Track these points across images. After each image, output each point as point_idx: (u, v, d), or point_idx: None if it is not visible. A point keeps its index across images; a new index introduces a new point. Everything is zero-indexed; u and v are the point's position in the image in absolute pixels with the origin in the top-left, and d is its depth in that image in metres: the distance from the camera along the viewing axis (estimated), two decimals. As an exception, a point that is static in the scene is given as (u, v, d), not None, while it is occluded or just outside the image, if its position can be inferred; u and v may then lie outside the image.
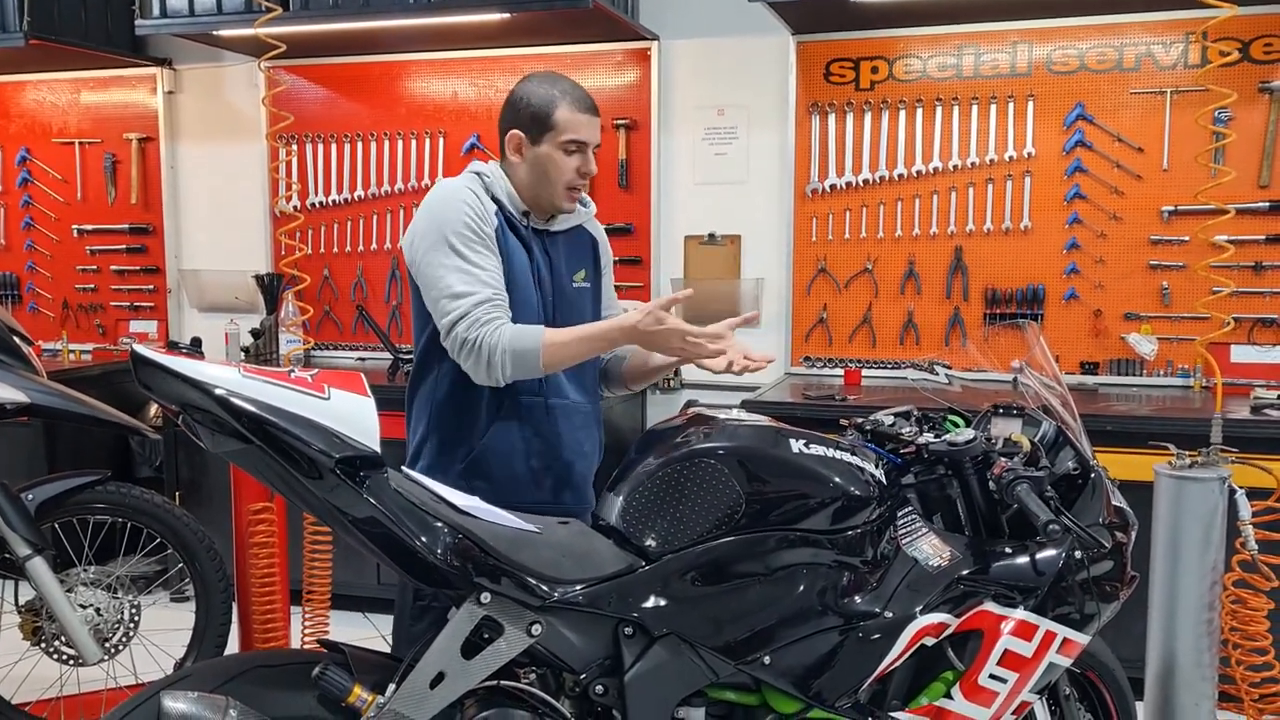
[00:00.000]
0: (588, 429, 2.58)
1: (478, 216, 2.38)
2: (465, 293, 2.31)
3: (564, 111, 2.43)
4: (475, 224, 2.37)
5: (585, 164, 2.46)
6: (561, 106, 2.43)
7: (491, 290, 2.32)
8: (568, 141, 2.43)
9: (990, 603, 2.12)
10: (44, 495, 3.21)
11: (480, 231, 2.37)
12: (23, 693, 3.40)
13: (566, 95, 2.45)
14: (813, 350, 4.70)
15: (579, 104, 2.45)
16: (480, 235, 2.37)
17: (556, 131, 2.43)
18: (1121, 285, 4.33)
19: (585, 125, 2.44)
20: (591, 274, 2.61)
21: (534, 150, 2.45)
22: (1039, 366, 2.45)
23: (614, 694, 1.92)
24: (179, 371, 1.66)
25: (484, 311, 2.29)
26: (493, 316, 2.29)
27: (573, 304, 2.54)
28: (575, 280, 2.56)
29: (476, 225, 2.37)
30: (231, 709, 1.70)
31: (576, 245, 2.59)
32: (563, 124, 2.43)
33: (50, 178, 5.63)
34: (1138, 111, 4.26)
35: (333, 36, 4.74)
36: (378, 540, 1.78)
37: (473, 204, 2.39)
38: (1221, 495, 2.63)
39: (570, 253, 2.57)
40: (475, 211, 2.38)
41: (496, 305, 2.31)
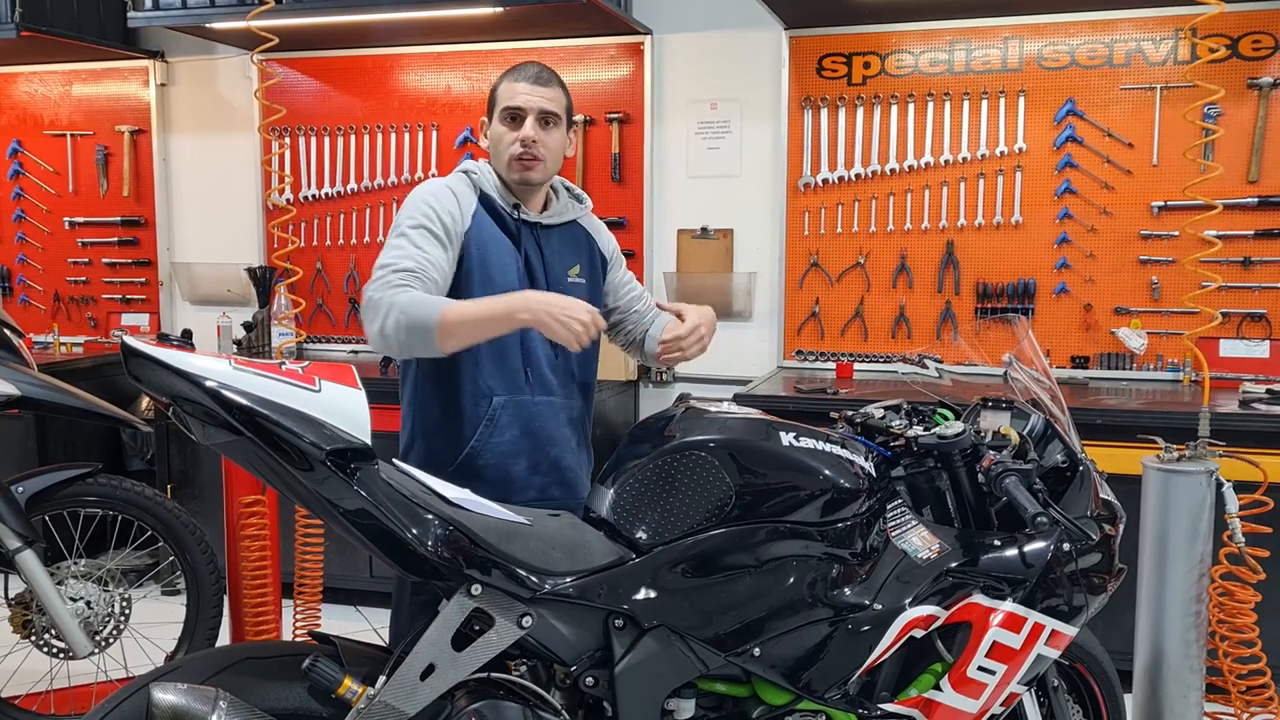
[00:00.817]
0: (574, 424, 2.57)
1: (438, 210, 2.36)
2: (389, 262, 2.29)
3: (503, 85, 2.47)
4: (432, 215, 2.35)
5: (525, 131, 2.41)
6: (503, 82, 2.47)
7: (415, 264, 2.28)
8: (504, 111, 2.44)
9: (979, 595, 2.13)
10: (35, 488, 3.21)
11: (435, 222, 2.35)
12: (12, 686, 3.40)
13: (511, 72, 2.47)
14: (805, 344, 4.71)
15: (518, 75, 2.46)
16: (433, 226, 2.35)
17: (497, 105, 2.46)
18: (1111, 280, 4.35)
19: (522, 92, 2.43)
20: (586, 270, 2.58)
21: (489, 130, 2.50)
22: (1028, 360, 2.46)
23: (604, 685, 1.93)
24: (170, 364, 1.66)
25: (399, 277, 2.25)
26: (404, 283, 2.25)
27: (569, 292, 2.50)
28: (570, 276, 2.54)
29: (433, 216, 2.35)
30: (221, 700, 1.70)
31: (570, 241, 2.57)
32: (501, 95, 2.46)
33: (42, 170, 5.62)
34: (1128, 107, 4.27)
35: (325, 29, 4.73)
36: (368, 532, 1.78)
37: (438, 200, 2.38)
38: (1209, 488, 2.64)
39: (564, 248, 2.55)
40: (437, 206, 2.37)
41: (414, 275, 2.27)
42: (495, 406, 2.43)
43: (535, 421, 2.47)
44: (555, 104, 2.47)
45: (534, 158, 2.43)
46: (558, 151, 2.50)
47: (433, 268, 2.31)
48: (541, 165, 2.45)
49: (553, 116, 2.46)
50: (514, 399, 2.44)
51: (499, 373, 2.43)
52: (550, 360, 2.49)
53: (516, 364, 2.44)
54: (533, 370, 2.46)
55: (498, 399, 2.43)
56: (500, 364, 2.43)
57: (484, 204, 2.46)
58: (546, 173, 2.48)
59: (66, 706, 3.39)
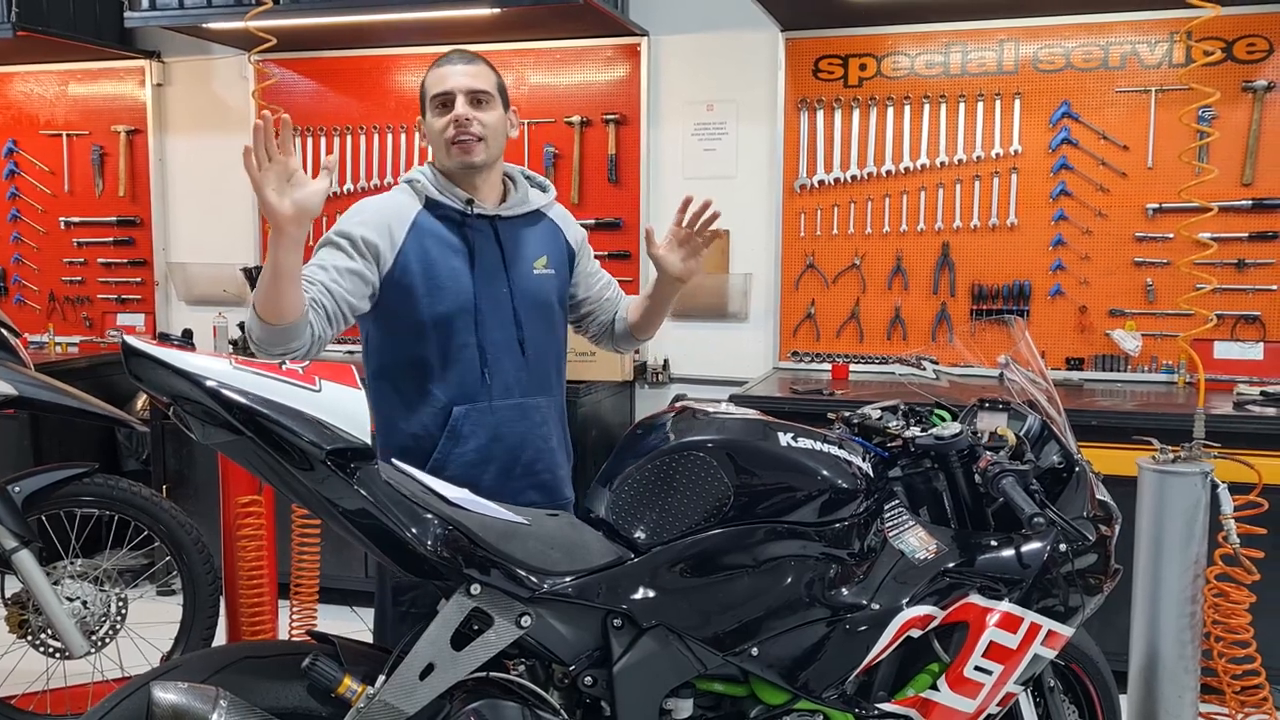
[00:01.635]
0: (548, 425, 2.50)
1: (353, 228, 2.31)
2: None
3: (430, 75, 2.42)
4: (343, 231, 2.30)
5: (457, 110, 2.35)
6: (429, 73, 2.43)
7: (307, 277, 2.21)
8: (434, 100, 2.39)
9: (976, 595, 2.14)
10: (31, 488, 3.20)
11: (344, 236, 2.30)
12: (9, 685, 3.40)
13: (435, 63, 2.43)
14: (800, 345, 4.72)
15: (442, 62, 2.41)
16: (340, 239, 2.30)
17: (427, 96, 2.42)
18: (1106, 281, 4.36)
19: (446, 76, 2.38)
20: (555, 261, 2.52)
21: (425, 127, 2.45)
22: (1024, 362, 2.47)
23: (603, 685, 1.93)
24: (170, 363, 1.66)
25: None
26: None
27: (532, 291, 2.46)
28: (536, 268, 2.47)
29: (344, 232, 2.30)
30: (222, 699, 1.70)
31: (536, 232, 2.51)
32: (428, 86, 2.42)
33: (37, 170, 5.61)
34: (1123, 110, 4.29)
35: (322, 30, 4.73)
36: (368, 531, 1.78)
37: (357, 218, 2.33)
38: (1204, 490, 2.65)
39: (529, 239, 2.48)
40: (355, 223, 2.32)
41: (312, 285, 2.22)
42: (455, 417, 2.37)
43: (502, 427, 2.41)
44: (485, 81, 2.40)
45: (472, 136, 2.35)
46: (498, 131, 2.41)
47: (323, 271, 2.25)
48: (482, 145, 2.37)
49: (484, 94, 2.39)
50: (475, 407, 2.39)
51: (456, 381, 2.38)
52: (517, 361, 2.43)
53: (474, 370, 2.39)
54: (493, 374, 2.40)
55: (458, 409, 2.37)
56: (456, 372, 2.38)
57: (432, 209, 2.40)
58: (489, 153, 2.40)
59: (63, 706, 3.38)
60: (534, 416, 2.46)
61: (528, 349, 2.44)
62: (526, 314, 2.44)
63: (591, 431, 4.38)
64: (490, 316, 2.39)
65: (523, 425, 2.44)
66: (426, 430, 2.39)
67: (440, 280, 2.36)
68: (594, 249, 2.74)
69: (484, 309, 2.39)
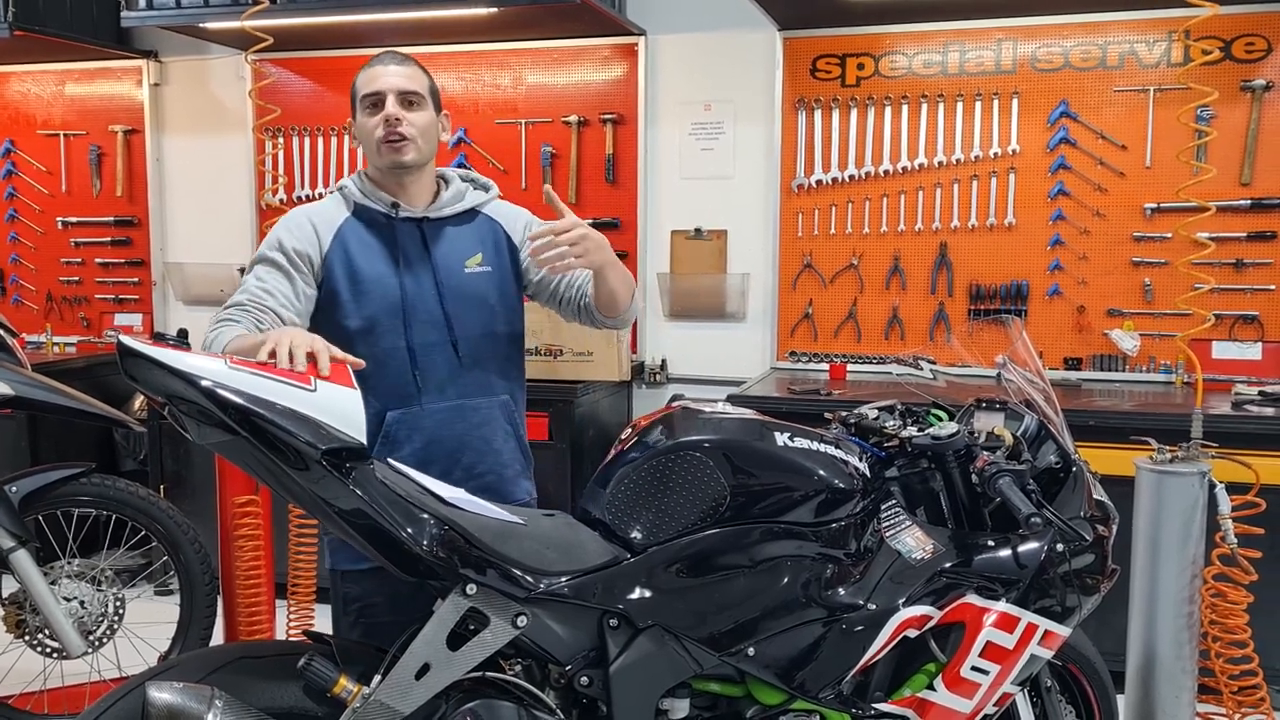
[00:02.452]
0: (489, 426, 2.45)
1: (283, 238, 2.36)
2: (236, 295, 2.31)
3: (360, 76, 2.42)
4: (275, 244, 2.35)
5: (388, 109, 2.35)
6: (360, 76, 2.42)
7: (248, 297, 2.28)
8: (364, 99, 2.39)
9: (972, 595, 2.14)
10: (28, 488, 3.20)
11: (278, 252, 2.34)
12: (6, 685, 3.40)
13: (366, 64, 2.43)
14: (798, 345, 4.71)
15: (373, 63, 2.41)
16: (275, 256, 2.34)
17: (357, 96, 2.41)
18: (1104, 281, 4.36)
19: (379, 77, 2.38)
20: (491, 258, 2.48)
21: (355, 129, 2.45)
22: (1022, 361, 2.47)
23: (599, 685, 1.93)
24: (165, 363, 1.66)
25: (227, 314, 2.25)
26: (228, 318, 2.24)
27: (465, 290, 2.43)
28: (468, 266, 2.45)
29: (276, 245, 2.35)
30: (217, 699, 1.70)
31: (468, 230, 2.49)
32: (358, 87, 2.41)
33: (35, 169, 5.60)
34: (1121, 109, 4.29)
35: (319, 30, 4.72)
36: (364, 531, 1.78)
37: (286, 230, 2.37)
38: (1201, 490, 2.65)
39: (461, 238, 2.46)
40: (284, 236, 2.36)
41: (244, 309, 2.26)
42: (389, 422, 2.36)
43: (438, 430, 2.39)
44: (415, 82, 2.40)
45: (402, 137, 2.35)
46: (428, 132, 2.42)
47: (270, 296, 2.29)
48: (411, 145, 2.37)
49: (415, 95, 2.39)
50: (408, 411, 2.37)
51: (387, 385, 2.36)
52: (450, 363, 2.40)
53: (404, 373, 2.37)
54: (424, 377, 2.38)
55: (391, 414, 2.36)
56: (387, 376, 2.35)
57: (360, 215, 2.41)
58: (420, 153, 2.39)
59: (60, 706, 3.38)
60: (471, 418, 2.43)
61: (461, 349, 2.41)
62: (458, 314, 2.41)
63: (589, 431, 4.38)
64: (419, 319, 2.38)
65: (459, 427, 2.41)
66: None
67: (365, 285, 2.36)
68: None
69: (411, 311, 2.38)
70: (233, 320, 2.24)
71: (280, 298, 2.30)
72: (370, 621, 2.39)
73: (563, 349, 4.35)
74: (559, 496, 4.15)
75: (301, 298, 2.35)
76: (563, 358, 4.36)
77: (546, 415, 4.19)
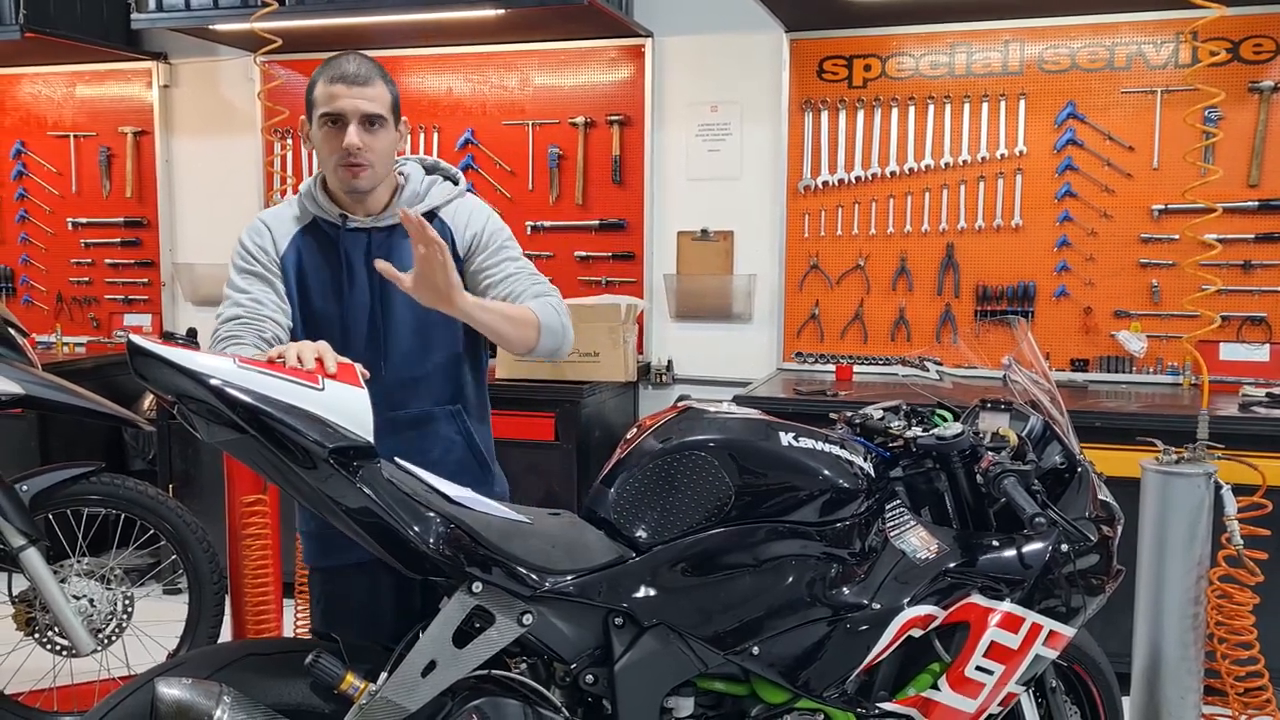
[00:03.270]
0: (432, 438, 2.38)
1: (249, 248, 2.34)
2: (219, 314, 2.29)
3: (319, 86, 2.28)
4: (245, 255, 2.34)
5: (349, 139, 2.23)
6: (319, 83, 2.28)
7: (242, 310, 2.26)
8: (321, 117, 2.27)
9: (977, 595, 2.14)
10: (38, 486, 3.23)
11: (250, 260, 2.33)
12: (15, 683, 3.41)
13: (326, 69, 2.28)
14: (804, 346, 4.72)
15: (332, 74, 2.26)
16: (249, 265, 2.33)
17: (314, 109, 2.29)
18: (1112, 283, 4.36)
19: (337, 96, 2.24)
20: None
21: (309, 134, 2.34)
22: (1027, 362, 2.47)
23: (604, 683, 1.94)
24: (175, 362, 1.67)
25: (225, 329, 2.24)
26: (230, 335, 2.22)
27: (402, 301, 2.24)
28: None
29: (246, 256, 2.34)
30: (225, 695, 1.71)
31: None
32: (317, 99, 2.28)
33: (45, 171, 5.63)
34: (1128, 110, 4.28)
35: (328, 31, 4.74)
36: (371, 530, 1.79)
37: (248, 238, 2.35)
38: (1207, 491, 2.65)
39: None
40: (248, 244, 2.35)
41: (241, 323, 2.23)
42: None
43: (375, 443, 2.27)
44: (378, 104, 2.28)
45: (360, 164, 2.26)
46: (386, 154, 2.32)
47: (262, 306, 2.27)
48: (369, 171, 2.28)
49: (378, 119, 2.28)
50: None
51: None
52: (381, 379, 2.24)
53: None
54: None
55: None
56: None
57: (313, 223, 2.36)
58: (375, 177, 2.31)
59: (69, 704, 3.40)
60: (405, 433, 2.34)
61: (389, 366, 2.33)
62: (393, 329, 2.34)
63: (595, 432, 4.39)
64: (355, 333, 2.34)
65: (390, 441, 2.17)
66: None
67: (311, 295, 2.35)
68: (597, 250, 2.61)
69: (348, 327, 2.34)
70: (237, 337, 2.21)
71: (270, 305, 2.28)
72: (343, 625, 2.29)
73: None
74: (565, 497, 4.16)
75: (284, 299, 2.33)
76: (569, 358, 4.36)
77: (553, 416, 4.20)
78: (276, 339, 2.24)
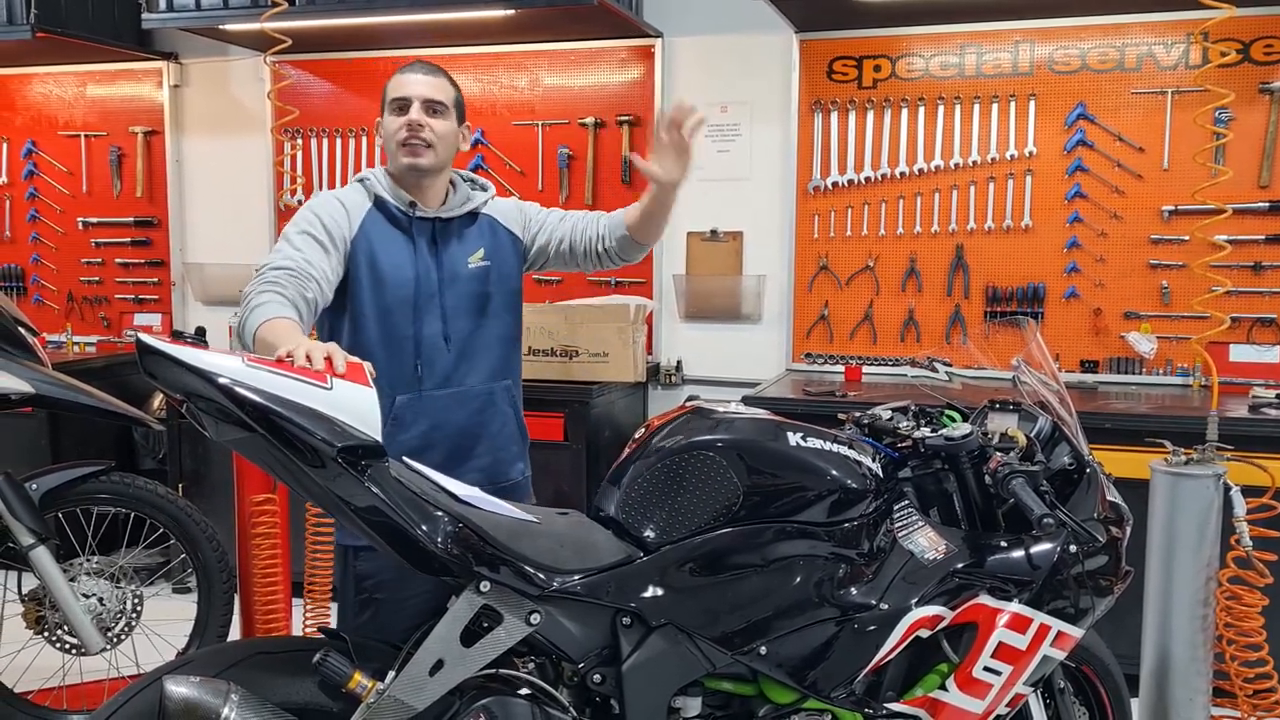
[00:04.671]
0: (486, 411, 2.59)
1: (321, 218, 2.44)
2: (268, 262, 2.36)
3: (392, 80, 2.56)
4: (315, 222, 2.43)
5: (411, 115, 2.48)
6: (392, 80, 2.56)
7: (293, 263, 2.34)
8: (392, 102, 2.52)
9: (985, 596, 2.14)
10: (48, 485, 3.23)
11: (319, 229, 2.42)
12: (25, 681, 3.42)
13: (400, 69, 2.57)
14: (814, 347, 4.71)
15: (405, 69, 2.56)
16: (315, 231, 2.42)
17: (387, 98, 2.55)
18: (1121, 284, 4.35)
19: (408, 83, 2.52)
20: (491, 252, 2.61)
21: (381, 128, 2.57)
22: (1036, 363, 2.47)
23: (612, 683, 1.94)
24: (184, 360, 1.68)
25: (274, 274, 2.31)
26: (275, 280, 2.29)
27: (462, 284, 2.55)
28: (471, 262, 2.58)
29: (315, 223, 2.43)
30: (233, 694, 1.72)
31: (474, 229, 2.62)
32: (389, 89, 2.55)
33: (56, 170, 5.65)
34: (1139, 111, 4.27)
35: (338, 31, 4.75)
36: (379, 529, 1.79)
37: (322, 209, 2.46)
38: (1217, 492, 2.64)
39: (466, 237, 2.59)
40: (321, 214, 2.45)
41: (290, 274, 2.32)
42: (397, 406, 2.48)
43: (440, 415, 2.52)
44: (441, 93, 2.54)
45: (422, 142, 2.48)
46: (448, 140, 2.54)
47: (311, 267, 2.36)
48: (430, 151, 2.50)
49: (439, 105, 2.52)
50: (414, 396, 2.50)
51: (394, 370, 2.48)
52: (444, 354, 2.52)
53: (409, 361, 2.50)
54: (426, 365, 2.50)
55: (400, 398, 2.49)
56: (395, 363, 2.48)
57: (380, 208, 2.52)
58: (437, 159, 2.52)
59: (79, 702, 3.41)
60: (470, 404, 2.56)
61: (452, 342, 2.54)
62: (455, 309, 2.54)
63: (604, 432, 4.39)
64: (425, 311, 2.51)
65: (459, 414, 2.54)
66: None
67: (384, 274, 2.49)
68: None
69: (420, 304, 2.51)
70: (278, 286, 2.27)
71: (319, 271, 2.37)
72: (379, 600, 2.45)
73: (578, 350, 4.36)
74: (574, 497, 4.16)
75: (334, 275, 2.43)
76: (578, 359, 4.37)
77: (561, 416, 4.21)
78: (315, 305, 2.35)
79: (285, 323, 2.17)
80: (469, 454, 2.55)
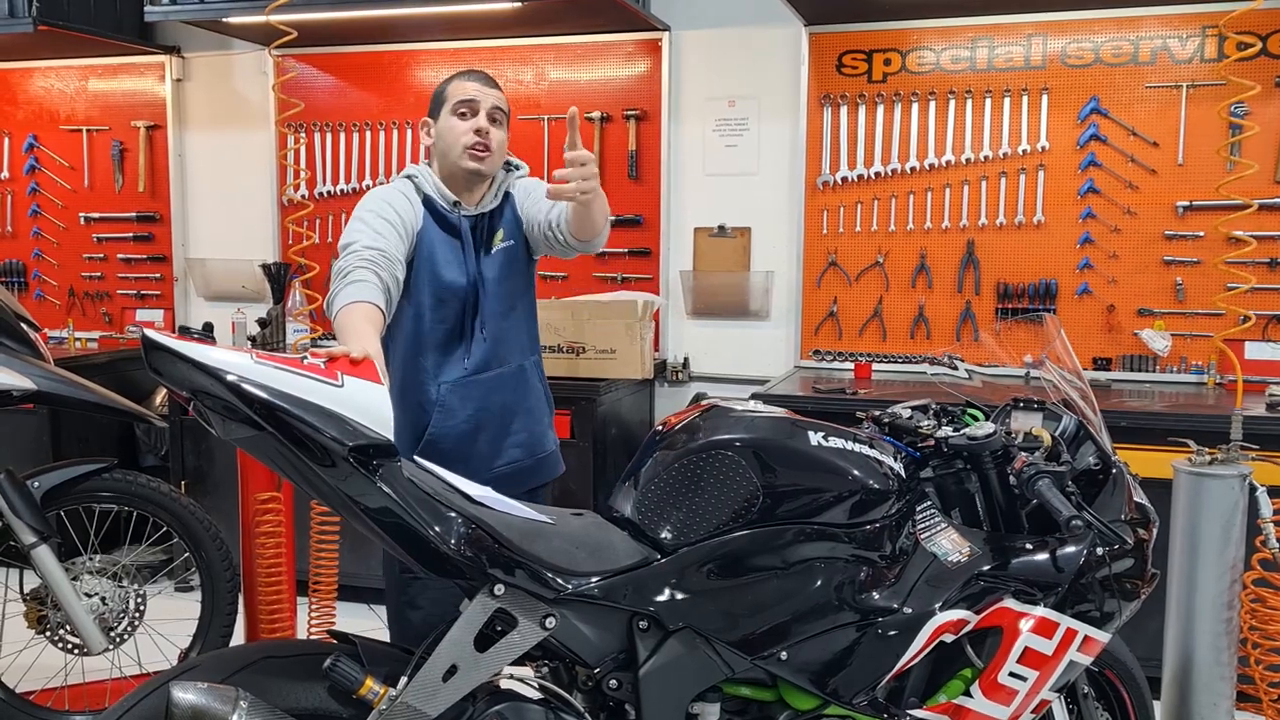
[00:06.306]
0: (521, 389, 2.72)
1: (396, 208, 2.53)
2: (355, 240, 2.42)
3: (454, 84, 2.67)
4: (389, 210, 2.51)
5: (480, 121, 2.60)
6: (452, 82, 2.67)
7: (378, 253, 2.41)
8: (457, 104, 2.62)
9: (1010, 599, 2.09)
10: (50, 483, 3.19)
11: (392, 215, 2.50)
12: (27, 681, 3.38)
13: (459, 75, 2.69)
14: (823, 344, 4.67)
15: (467, 76, 2.68)
16: (390, 217, 2.50)
17: (448, 100, 2.65)
18: (1135, 280, 4.30)
19: (474, 89, 2.63)
20: (512, 231, 2.71)
21: (435, 126, 2.68)
22: (1059, 360, 2.42)
23: (628, 689, 1.90)
24: (191, 357, 1.63)
25: (370, 254, 2.39)
26: (372, 260, 2.37)
27: (496, 270, 2.66)
28: (495, 245, 2.68)
29: (390, 211, 2.51)
30: (242, 700, 1.67)
31: (502, 214, 2.72)
32: (451, 92, 2.65)
33: (58, 165, 5.61)
34: (1153, 105, 4.22)
35: (343, 24, 4.71)
36: (390, 529, 1.75)
37: (395, 199, 2.56)
38: (1242, 493, 2.60)
39: (497, 227, 2.70)
40: (395, 203, 2.54)
41: (384, 255, 2.41)
42: (443, 393, 2.61)
43: (488, 397, 2.65)
44: (502, 104, 2.68)
45: (486, 148, 2.61)
46: (502, 149, 2.67)
47: (398, 251, 2.47)
48: (491, 157, 2.63)
49: (500, 114, 2.66)
50: (461, 381, 2.62)
51: (443, 358, 2.62)
52: (480, 341, 2.63)
53: (456, 349, 2.63)
54: (469, 352, 2.63)
55: (444, 385, 2.61)
56: (443, 351, 2.62)
57: (426, 205, 2.63)
58: (493, 165, 2.65)
59: (81, 702, 3.37)
60: (509, 385, 2.69)
61: (490, 328, 2.65)
62: (493, 295, 2.66)
63: (611, 430, 4.34)
64: (468, 303, 2.64)
65: (500, 395, 2.67)
66: (424, 400, 2.62)
67: (438, 267, 2.60)
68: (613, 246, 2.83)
69: (466, 296, 2.63)
70: (376, 267, 2.36)
71: (397, 260, 2.45)
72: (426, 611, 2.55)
73: (585, 346, 4.32)
74: (581, 494, 4.12)
75: (403, 260, 2.50)
76: (585, 355, 4.32)
77: (569, 413, 4.16)
78: (389, 292, 2.40)
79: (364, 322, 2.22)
80: (510, 430, 2.69)
